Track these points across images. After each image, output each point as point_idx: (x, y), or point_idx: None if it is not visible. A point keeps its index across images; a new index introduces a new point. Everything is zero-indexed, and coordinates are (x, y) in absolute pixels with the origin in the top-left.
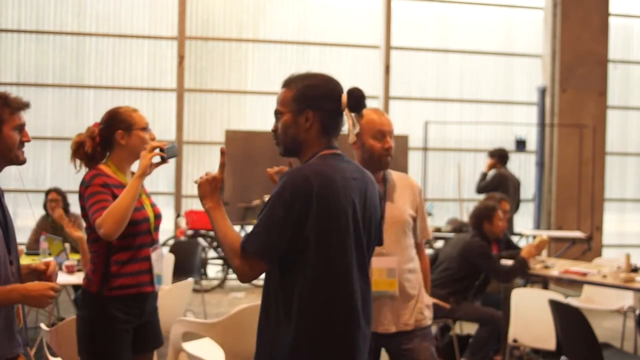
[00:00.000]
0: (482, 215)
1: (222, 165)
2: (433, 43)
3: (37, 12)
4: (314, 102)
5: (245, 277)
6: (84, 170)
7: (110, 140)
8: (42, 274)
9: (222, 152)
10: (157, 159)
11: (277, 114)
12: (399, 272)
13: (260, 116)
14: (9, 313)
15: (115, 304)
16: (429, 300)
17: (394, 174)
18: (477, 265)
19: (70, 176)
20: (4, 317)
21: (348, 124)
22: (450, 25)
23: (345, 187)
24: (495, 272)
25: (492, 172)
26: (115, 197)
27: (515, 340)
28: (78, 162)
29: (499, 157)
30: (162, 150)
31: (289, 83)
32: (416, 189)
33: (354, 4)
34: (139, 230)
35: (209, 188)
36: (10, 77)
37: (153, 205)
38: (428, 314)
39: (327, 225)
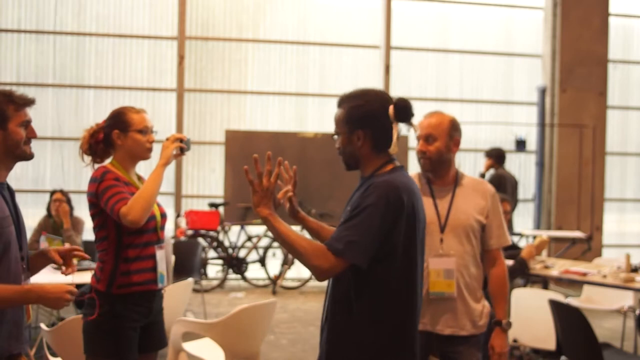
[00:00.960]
0: None
1: (276, 175)
2: (433, 43)
3: (37, 12)
4: (361, 122)
5: (329, 275)
6: (91, 165)
7: (110, 139)
8: (66, 255)
9: (279, 163)
10: (177, 150)
11: (336, 133)
12: (457, 275)
13: (260, 116)
14: (19, 309)
15: (123, 302)
16: (487, 307)
17: (467, 178)
18: None
19: (69, 176)
20: (15, 313)
21: (394, 135)
22: (450, 25)
23: (419, 198)
24: None
25: (490, 173)
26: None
27: (515, 340)
28: (87, 158)
29: (496, 157)
30: (182, 142)
31: (340, 103)
32: (489, 195)
33: (354, 4)
34: (146, 228)
35: (264, 196)
36: (10, 77)
37: (158, 205)
38: (483, 321)
39: (412, 233)
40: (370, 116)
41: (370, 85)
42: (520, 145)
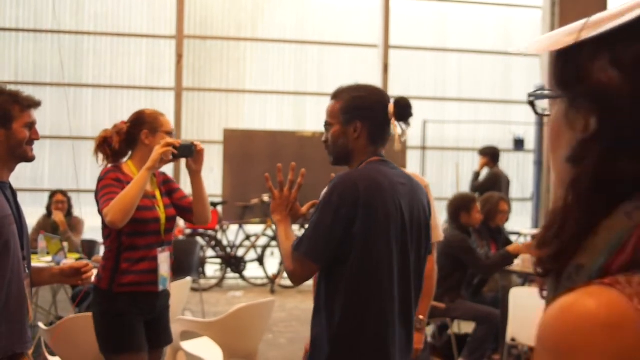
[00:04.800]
0: (460, 206)
1: (299, 185)
2: (431, 42)
3: (35, 10)
4: (362, 112)
5: (296, 277)
6: (103, 164)
7: (135, 139)
8: (78, 272)
9: (302, 175)
10: (169, 156)
11: (327, 125)
12: None
13: (259, 115)
14: (22, 308)
15: (125, 299)
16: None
17: None
18: (460, 260)
19: (67, 175)
20: (18, 312)
21: (395, 133)
22: (448, 24)
23: (392, 191)
24: (476, 265)
25: (485, 171)
26: None
27: (513, 339)
28: (100, 156)
29: (491, 155)
30: (175, 147)
31: (337, 95)
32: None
33: (353, 3)
34: (148, 230)
35: (281, 204)
36: (9, 75)
37: (167, 207)
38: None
39: (373, 228)
40: (370, 108)
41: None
42: (519, 144)
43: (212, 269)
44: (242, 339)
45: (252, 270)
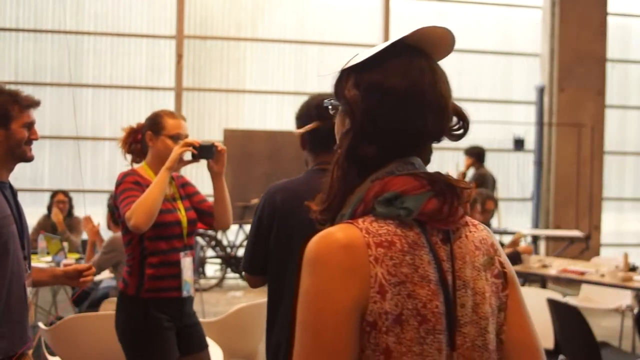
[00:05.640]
0: None
1: None
2: None
3: (35, 10)
4: (298, 121)
5: (249, 284)
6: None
7: (144, 140)
8: (80, 274)
9: None
10: (188, 156)
11: None
12: None
13: (259, 115)
14: (22, 308)
15: (153, 305)
16: None
17: None
18: None
19: (67, 175)
20: (19, 313)
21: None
22: (448, 24)
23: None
24: None
25: (471, 172)
26: None
27: None
28: (129, 157)
29: (477, 155)
30: (195, 148)
31: None
32: None
33: (353, 3)
34: (170, 233)
35: None
36: (9, 75)
37: (187, 210)
38: None
39: (287, 235)
40: (305, 115)
41: None
42: (519, 144)
43: (212, 269)
44: (242, 339)
45: None
